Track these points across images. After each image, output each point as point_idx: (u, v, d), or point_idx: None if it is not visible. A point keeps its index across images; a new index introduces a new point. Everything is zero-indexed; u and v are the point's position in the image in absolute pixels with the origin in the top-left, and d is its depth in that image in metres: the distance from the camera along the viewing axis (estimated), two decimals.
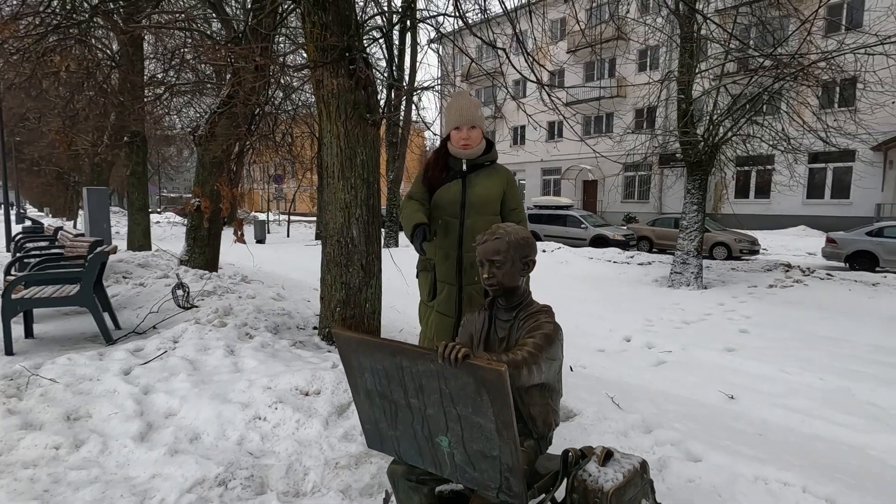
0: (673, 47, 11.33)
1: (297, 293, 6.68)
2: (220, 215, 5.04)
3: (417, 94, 6.02)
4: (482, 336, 1.49)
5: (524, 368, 1.18)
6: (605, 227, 16.27)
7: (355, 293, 3.79)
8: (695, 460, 2.07)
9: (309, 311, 5.08)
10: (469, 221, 2.10)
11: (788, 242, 16.56)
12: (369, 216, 3.78)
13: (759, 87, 8.21)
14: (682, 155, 9.36)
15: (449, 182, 2.13)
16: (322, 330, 3.96)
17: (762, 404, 4.01)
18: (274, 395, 2.46)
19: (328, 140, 3.68)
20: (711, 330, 6.51)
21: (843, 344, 5.79)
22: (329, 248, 3.81)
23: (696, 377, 4.59)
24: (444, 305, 2.12)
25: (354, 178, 3.68)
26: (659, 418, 2.54)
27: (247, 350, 3.25)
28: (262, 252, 14.96)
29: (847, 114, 8.05)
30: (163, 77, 8.03)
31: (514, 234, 1.44)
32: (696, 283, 9.07)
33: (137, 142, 9.29)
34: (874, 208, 16.83)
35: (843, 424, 3.62)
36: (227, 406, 2.40)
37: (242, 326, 3.92)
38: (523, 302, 1.47)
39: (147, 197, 10.03)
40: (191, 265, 6.51)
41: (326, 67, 3.38)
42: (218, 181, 4.45)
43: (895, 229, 11.60)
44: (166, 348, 3.33)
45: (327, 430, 2.24)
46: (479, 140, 2.14)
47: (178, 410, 2.42)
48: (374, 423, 1.33)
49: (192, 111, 11.45)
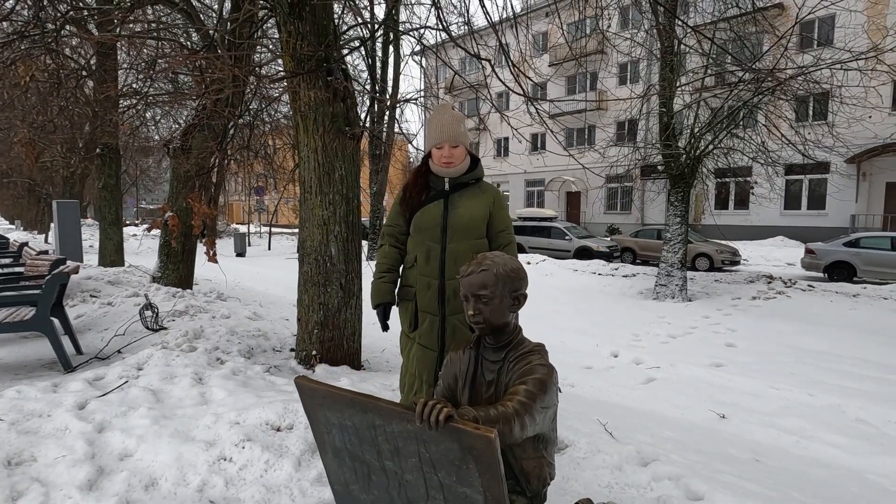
0: (653, 61, 11.48)
1: (275, 311, 6.44)
2: (192, 232, 4.82)
3: (400, 106, 5.92)
4: (468, 378, 1.34)
5: (516, 423, 1.03)
6: (588, 239, 16.30)
7: (334, 314, 3.61)
8: (696, 499, 1.93)
9: (287, 332, 4.86)
10: (452, 246, 1.94)
11: (767, 253, 16.80)
12: (349, 233, 3.62)
13: (739, 100, 8.31)
14: (665, 168, 9.40)
15: (430, 203, 1.98)
16: (299, 353, 3.75)
17: (754, 424, 3.92)
18: (242, 432, 2.26)
19: (305, 154, 3.51)
20: (698, 344, 6.44)
21: (829, 357, 5.77)
22: (306, 266, 3.63)
23: (687, 396, 4.49)
24: (426, 337, 1.96)
25: (333, 194, 3.52)
26: (655, 449, 2.40)
27: (216, 378, 3.03)
28: (242, 266, 14.62)
29: (825, 127, 8.18)
30: (139, 87, 7.79)
31: (502, 266, 1.29)
32: (680, 296, 9.05)
33: (110, 154, 8.98)
34: (849, 219, 17.20)
35: (838, 446, 3.54)
36: (190, 445, 2.19)
37: (213, 350, 3.70)
38: (513, 340, 1.31)
39: (120, 210, 9.68)
40: (163, 282, 6.23)
41: (303, 78, 3.23)
42: (189, 196, 4.24)
43: (872, 240, 11.82)
44: (128, 377, 3.09)
45: (299, 471, 2.05)
46: (463, 157, 1.99)
47: (134, 451, 2.20)
48: (345, 485, 1.16)
49: (171, 122, 11.18)
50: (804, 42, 14.36)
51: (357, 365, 3.77)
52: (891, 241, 11.48)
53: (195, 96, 6.27)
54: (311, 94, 3.33)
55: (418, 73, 52.40)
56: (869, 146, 14.99)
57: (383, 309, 2.09)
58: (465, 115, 20.64)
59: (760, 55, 8.09)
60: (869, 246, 11.65)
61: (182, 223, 5.23)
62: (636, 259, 15.49)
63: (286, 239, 26.97)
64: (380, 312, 2.10)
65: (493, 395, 1.28)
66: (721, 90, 8.74)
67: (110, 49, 7.59)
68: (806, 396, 4.56)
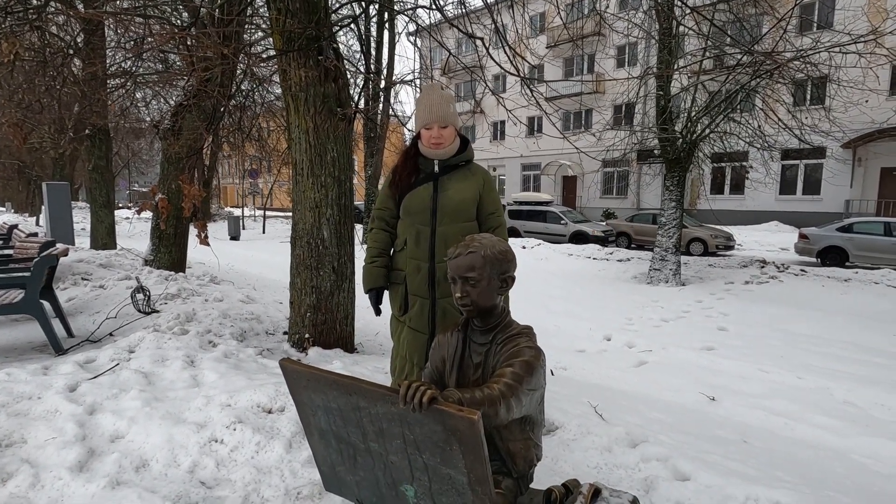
0: (651, 43, 11.33)
1: (269, 294, 6.43)
2: (183, 214, 4.76)
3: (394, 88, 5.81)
4: (455, 360, 1.33)
5: (501, 405, 1.02)
6: (584, 224, 16.30)
7: (326, 297, 3.60)
8: (683, 479, 1.96)
9: (280, 315, 4.85)
10: (441, 229, 1.92)
11: (762, 238, 16.87)
12: (341, 216, 3.59)
13: (737, 84, 8.24)
14: (661, 152, 9.36)
15: (419, 185, 1.95)
16: (292, 336, 3.75)
17: (743, 406, 3.97)
18: (233, 414, 2.26)
19: (297, 135, 3.46)
20: (690, 328, 6.50)
21: (819, 341, 5.84)
22: (298, 249, 3.60)
23: (678, 379, 4.54)
24: (417, 321, 1.95)
25: (325, 176, 3.48)
26: (644, 430, 2.43)
27: (208, 361, 3.03)
28: (237, 250, 14.55)
29: (822, 112, 8.14)
30: (129, 66, 7.62)
31: (490, 248, 1.27)
32: (674, 280, 9.10)
33: (99, 135, 8.84)
34: (843, 204, 17.26)
35: (825, 427, 3.59)
36: (181, 427, 2.19)
37: (206, 333, 3.69)
38: (501, 323, 1.30)
39: (111, 193, 9.56)
40: (156, 265, 6.19)
41: (292, 57, 3.16)
42: (180, 178, 4.18)
43: (864, 225, 11.87)
44: (120, 360, 3.08)
45: (290, 453, 2.05)
46: (453, 139, 1.95)
47: (125, 433, 2.20)
48: (331, 466, 1.16)
49: (161, 103, 10.99)
50: (803, 25, 14.20)
51: (350, 348, 3.78)
52: (883, 227, 11.53)
53: (184, 76, 6.15)
54: (302, 74, 3.26)
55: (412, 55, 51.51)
56: (865, 131, 14.97)
57: (375, 293, 2.08)
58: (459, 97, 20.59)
59: (760, 37, 8.01)
60: (862, 231, 11.70)
61: (172, 206, 5.17)
62: (631, 244, 15.52)
63: (281, 223, 26.83)
64: (372, 297, 2.09)
65: (481, 377, 1.28)
66: (719, 73, 8.66)
67: (97, 26, 7.41)
68: (795, 379, 4.62)
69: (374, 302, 2.09)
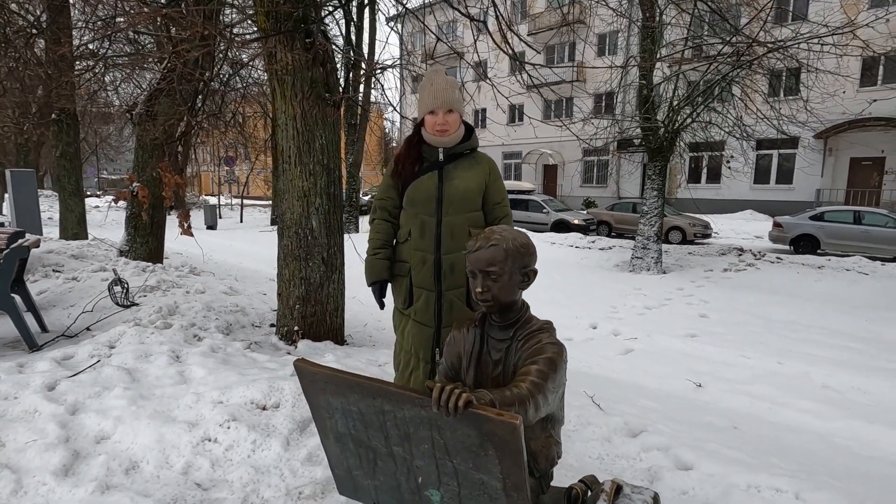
0: (633, 32, 11.34)
1: (251, 285, 6.28)
2: (164, 203, 4.59)
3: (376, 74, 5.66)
4: (473, 357, 1.29)
5: (530, 405, 0.99)
6: (565, 212, 16.41)
7: (316, 289, 3.51)
8: (686, 468, 1.97)
9: (265, 306, 4.74)
10: (448, 219, 1.86)
11: (737, 226, 17.27)
12: (330, 205, 3.49)
13: (718, 74, 8.32)
14: (644, 141, 9.43)
15: (423, 175, 1.89)
16: (280, 329, 3.66)
17: (728, 392, 4.05)
18: (226, 412, 2.19)
19: (283, 122, 3.34)
20: (673, 315, 6.60)
21: (797, 327, 6.00)
22: (286, 240, 3.50)
23: (664, 366, 4.60)
24: (422, 314, 1.89)
25: (313, 164, 3.37)
26: (641, 420, 2.44)
27: (194, 356, 2.92)
28: (214, 239, 14.19)
29: (799, 102, 8.30)
30: (96, 48, 7.27)
31: (512, 241, 1.22)
32: (656, 268, 9.24)
33: (67, 120, 8.44)
34: (815, 193, 17.77)
35: (807, 411, 3.69)
36: (171, 426, 2.11)
37: (190, 327, 3.56)
38: (521, 318, 1.26)
39: (80, 180, 9.18)
40: (131, 256, 5.97)
41: (279, 40, 3.03)
42: (158, 166, 4.01)
43: (835, 214, 12.24)
44: (100, 355, 2.95)
45: (288, 451, 1.99)
46: (458, 125, 1.89)
47: (111, 434, 2.10)
48: (347, 470, 1.11)
49: (132, 87, 10.56)
50: (780, 16, 14.43)
51: (340, 340, 3.71)
52: (853, 215, 11.92)
53: (159, 58, 5.89)
54: (290, 57, 3.14)
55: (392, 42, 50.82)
56: (837, 122, 15.37)
57: (379, 286, 2.01)
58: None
59: (741, 28, 8.10)
60: (832, 220, 12.07)
61: (151, 194, 4.97)
62: (612, 232, 15.71)
63: (259, 211, 26.33)
64: (375, 290, 2.02)
65: (501, 374, 1.24)
66: (700, 63, 8.74)
67: (63, 4, 7.03)
68: (776, 365, 4.74)
69: (378, 295, 2.02)
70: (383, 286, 2.02)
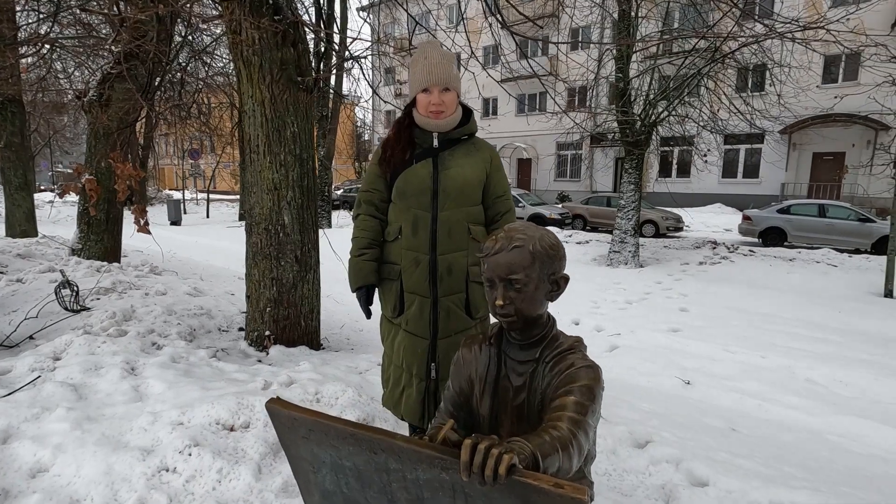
0: (607, 25, 11.31)
1: (218, 285, 5.90)
2: (117, 198, 4.19)
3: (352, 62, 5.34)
4: (488, 383, 1.07)
5: (574, 449, 0.78)
6: (541, 206, 16.38)
7: (289, 290, 3.24)
8: (701, 485, 1.82)
9: (233, 308, 4.41)
10: (444, 214, 1.62)
11: (707, 219, 17.62)
12: (304, 199, 3.22)
13: (694, 68, 8.33)
14: (620, 135, 9.39)
15: (416, 163, 1.64)
16: (250, 333, 3.37)
17: (717, 389, 3.99)
18: (187, 435, 1.91)
19: (250, 107, 3.04)
20: (654, 310, 6.57)
21: (774, 320, 6.04)
22: (255, 237, 3.21)
23: (651, 363, 4.52)
24: (415, 323, 1.65)
25: (284, 155, 3.09)
26: (645, 427, 2.29)
27: (152, 368, 2.62)
28: (178, 235, 13.55)
29: (772, 97, 8.38)
30: (45, 31, 6.68)
31: (539, 241, 1.00)
32: (633, 262, 9.24)
33: (11, 107, 7.79)
34: (780, 187, 18.28)
35: (796, 407, 3.65)
36: (122, 455, 1.82)
37: (148, 334, 3.24)
38: (547, 336, 1.05)
39: (30, 173, 8.53)
40: (84, 255, 5.51)
41: (243, 14, 2.73)
42: (110, 156, 3.63)
43: (801, 207, 12.57)
44: (42, 369, 2.62)
45: (260, 480, 1.74)
46: (455, 106, 1.64)
47: (49, 465, 1.81)
48: None
49: (86, 73, 9.87)
50: (749, 13, 14.68)
51: (316, 345, 3.45)
52: (818, 208, 12.26)
53: (110, 42, 5.43)
54: (255, 35, 2.84)
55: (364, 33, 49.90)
56: (804, 116, 15.80)
57: (365, 291, 1.74)
58: None
59: (714, 22, 8.11)
60: (798, 213, 12.39)
61: (103, 187, 4.55)
62: (586, 226, 15.77)
63: (226, 206, 25.45)
64: (361, 296, 1.75)
65: (525, 403, 1.02)
66: (675, 57, 8.73)
67: None
68: (759, 359, 4.71)
69: (364, 302, 1.75)
70: (370, 291, 1.76)
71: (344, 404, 2.24)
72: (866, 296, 7.22)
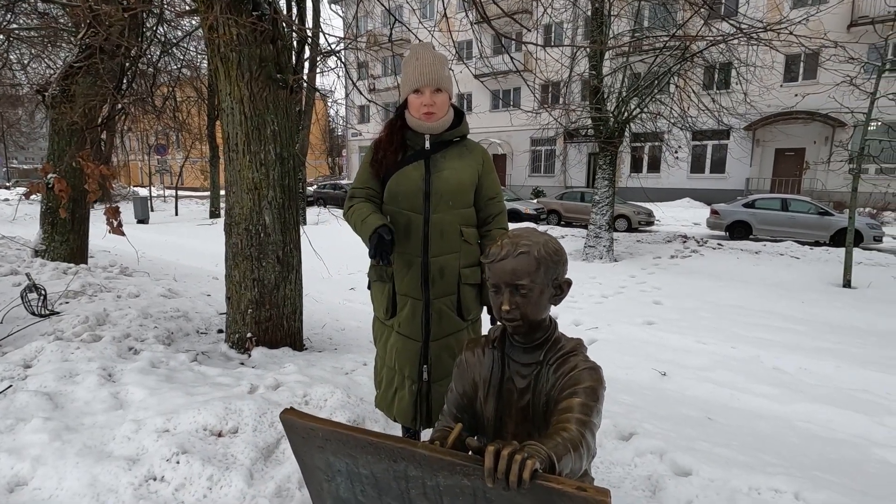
0: (580, 23, 11.45)
1: (193, 285, 5.76)
2: (88, 198, 4.03)
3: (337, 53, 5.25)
4: (492, 385, 1.09)
5: (583, 449, 0.81)
6: (516, 202, 16.52)
7: (271, 291, 3.19)
8: (685, 474, 1.90)
9: (210, 309, 4.32)
10: (437, 217, 1.63)
11: (677, 214, 18.10)
12: (285, 199, 3.17)
13: (665, 66, 8.54)
14: (594, 131, 9.56)
15: (407, 165, 1.65)
16: (231, 336, 3.31)
17: (692, 380, 4.12)
18: (174, 442, 1.88)
19: (228, 105, 2.97)
20: (629, 303, 6.73)
21: (743, 311, 6.27)
22: (236, 237, 3.14)
23: (628, 356, 4.64)
24: (408, 325, 1.66)
25: (265, 154, 3.04)
26: (629, 419, 2.36)
27: (131, 374, 2.54)
28: (147, 234, 13.13)
29: (739, 95, 8.67)
30: None
31: (543, 247, 1.02)
32: (608, 256, 9.44)
33: None
34: (745, 182, 18.93)
35: (765, 396, 3.81)
36: (107, 465, 1.78)
37: (124, 339, 3.14)
38: (550, 338, 1.08)
39: None
40: (49, 257, 5.29)
41: (221, 10, 2.66)
42: (79, 155, 3.49)
43: (765, 202, 13.05)
44: (13, 378, 2.51)
45: (252, 486, 1.73)
46: (447, 108, 1.66)
47: (28, 479, 1.75)
48: None
49: (43, 66, 9.43)
50: (715, 13, 15.10)
51: (299, 346, 3.41)
52: (781, 203, 12.75)
53: (75, 32, 5.20)
54: (234, 32, 2.77)
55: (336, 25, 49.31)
56: (766, 114, 16.38)
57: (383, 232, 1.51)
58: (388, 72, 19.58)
59: (684, 22, 8.33)
60: (763, 207, 12.86)
61: (71, 187, 4.38)
62: (561, 221, 15.99)
63: (195, 203, 24.76)
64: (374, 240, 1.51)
65: (529, 405, 1.05)
66: (647, 55, 8.93)
67: None
68: (729, 349, 4.90)
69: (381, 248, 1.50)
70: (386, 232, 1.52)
71: (333, 406, 2.23)
72: (827, 286, 7.57)
